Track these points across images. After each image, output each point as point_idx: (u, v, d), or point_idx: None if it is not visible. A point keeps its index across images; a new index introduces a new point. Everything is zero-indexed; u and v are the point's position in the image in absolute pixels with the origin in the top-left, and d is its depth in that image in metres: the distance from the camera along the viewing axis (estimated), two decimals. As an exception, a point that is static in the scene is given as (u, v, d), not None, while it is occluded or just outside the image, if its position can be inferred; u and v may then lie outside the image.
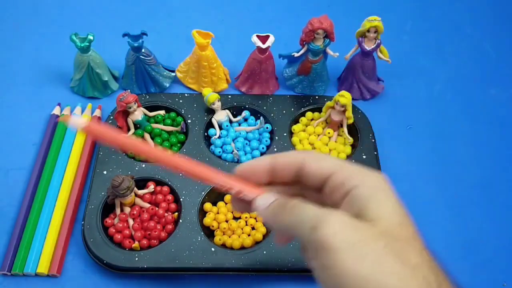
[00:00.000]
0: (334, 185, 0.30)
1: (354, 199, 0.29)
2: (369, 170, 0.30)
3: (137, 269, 0.52)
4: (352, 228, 0.27)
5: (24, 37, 0.77)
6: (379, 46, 0.65)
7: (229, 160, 0.61)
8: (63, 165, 0.60)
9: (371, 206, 0.28)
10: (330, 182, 0.30)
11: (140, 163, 0.60)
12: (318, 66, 0.66)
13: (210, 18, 0.81)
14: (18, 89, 0.70)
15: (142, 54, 0.64)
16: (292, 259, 0.52)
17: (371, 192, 0.28)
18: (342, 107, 0.61)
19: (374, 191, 0.28)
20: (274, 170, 0.32)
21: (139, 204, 0.56)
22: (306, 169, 0.31)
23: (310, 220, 0.27)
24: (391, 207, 0.28)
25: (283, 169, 0.32)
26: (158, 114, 0.64)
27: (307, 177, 0.31)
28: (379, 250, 0.26)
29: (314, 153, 0.32)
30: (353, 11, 0.82)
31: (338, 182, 0.30)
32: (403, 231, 0.28)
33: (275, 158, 0.32)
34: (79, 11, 0.81)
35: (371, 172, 0.30)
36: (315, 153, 0.32)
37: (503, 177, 0.64)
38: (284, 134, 0.63)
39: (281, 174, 0.32)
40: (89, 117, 0.65)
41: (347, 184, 0.29)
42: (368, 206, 0.28)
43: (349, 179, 0.29)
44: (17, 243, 0.54)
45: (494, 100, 0.72)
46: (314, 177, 0.31)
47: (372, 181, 0.29)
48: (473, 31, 0.81)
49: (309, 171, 0.31)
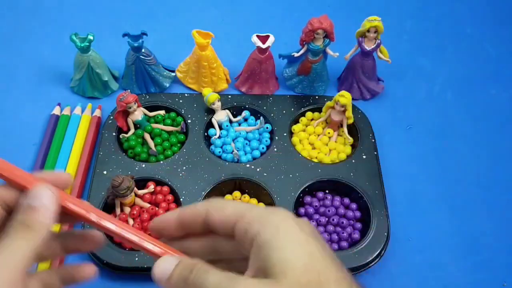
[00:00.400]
0: (239, 234, 0.29)
1: (257, 249, 0.27)
2: (272, 210, 0.28)
3: (137, 269, 0.52)
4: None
5: (24, 37, 0.77)
6: (379, 46, 0.65)
7: (229, 160, 0.61)
8: (63, 165, 0.60)
9: (273, 255, 0.26)
10: (237, 230, 0.29)
11: (140, 163, 0.60)
12: (318, 66, 0.66)
13: (210, 18, 0.81)
14: (18, 89, 0.70)
15: (142, 54, 0.64)
16: (292, 259, 0.52)
17: (271, 238, 0.27)
18: (342, 107, 0.61)
19: (274, 236, 0.27)
20: (182, 223, 0.31)
21: (139, 204, 0.56)
22: (210, 220, 0.30)
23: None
24: (293, 251, 0.26)
25: (190, 222, 0.31)
26: (158, 114, 0.64)
27: (214, 228, 0.30)
28: None
29: (217, 201, 0.31)
30: (353, 11, 0.82)
31: (242, 231, 0.28)
32: (310, 273, 0.26)
33: (182, 211, 0.31)
34: (79, 11, 0.81)
35: (273, 211, 0.28)
36: (218, 202, 0.31)
37: (503, 177, 0.63)
38: (284, 134, 0.63)
39: (189, 226, 0.31)
40: (89, 116, 0.65)
41: (249, 232, 0.28)
42: (270, 255, 0.26)
43: (251, 226, 0.28)
44: (17, 243, 0.54)
45: (494, 100, 0.72)
46: (220, 228, 0.30)
47: (272, 224, 0.27)
48: (473, 31, 0.81)
49: (214, 222, 0.30)
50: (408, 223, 0.58)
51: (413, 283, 0.55)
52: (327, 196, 0.59)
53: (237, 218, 0.29)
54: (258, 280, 0.26)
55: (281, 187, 0.58)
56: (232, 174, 0.59)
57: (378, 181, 0.59)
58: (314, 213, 0.57)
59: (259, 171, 0.59)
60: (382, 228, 0.55)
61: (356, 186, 0.58)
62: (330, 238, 0.55)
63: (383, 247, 0.54)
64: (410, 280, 0.55)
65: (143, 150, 0.61)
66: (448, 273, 0.55)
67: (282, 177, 0.59)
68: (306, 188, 0.58)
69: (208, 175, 0.59)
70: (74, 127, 0.64)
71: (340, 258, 0.53)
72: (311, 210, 0.57)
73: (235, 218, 0.29)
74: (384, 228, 0.55)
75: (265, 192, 0.58)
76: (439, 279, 0.55)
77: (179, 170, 0.59)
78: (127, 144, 0.61)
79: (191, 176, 0.59)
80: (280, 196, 0.57)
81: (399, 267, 0.55)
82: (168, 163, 0.60)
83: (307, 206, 0.58)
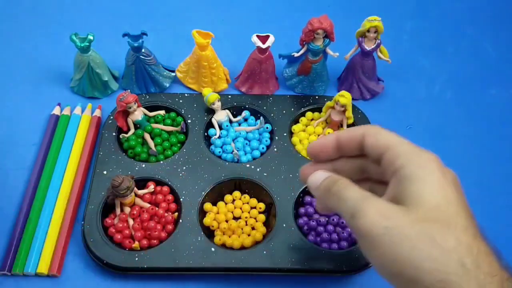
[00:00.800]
0: (386, 162, 0.32)
1: (398, 180, 0.30)
2: (420, 150, 0.31)
3: (137, 269, 0.52)
4: (387, 216, 0.28)
5: (24, 37, 0.77)
6: (379, 46, 0.65)
7: (229, 160, 0.61)
8: (63, 165, 0.60)
9: (411, 188, 0.29)
10: (384, 158, 0.32)
11: (140, 163, 0.60)
12: (318, 66, 0.66)
13: (210, 18, 0.81)
14: (18, 89, 0.70)
15: (142, 54, 0.64)
16: (292, 259, 0.52)
17: (415, 174, 0.29)
18: (342, 107, 0.61)
19: (418, 172, 0.29)
20: (339, 145, 0.35)
21: (139, 204, 0.56)
22: (364, 145, 0.33)
23: (348, 209, 0.30)
24: (430, 189, 0.29)
25: (347, 144, 0.35)
26: (158, 114, 0.64)
27: (367, 151, 0.34)
28: (414, 235, 0.27)
29: (373, 128, 0.34)
30: (353, 11, 0.82)
31: (389, 160, 0.31)
32: (441, 213, 0.28)
33: (340, 134, 0.35)
34: (79, 11, 0.81)
35: (422, 152, 0.31)
36: (374, 128, 0.34)
37: (503, 177, 0.63)
38: (284, 134, 0.63)
39: (345, 149, 0.35)
40: (89, 116, 0.65)
41: (396, 163, 0.31)
42: (408, 187, 0.29)
43: (398, 158, 0.31)
44: (17, 243, 0.54)
45: (494, 100, 0.72)
46: (370, 153, 0.33)
47: (417, 162, 0.30)
48: (473, 31, 0.81)
49: (367, 146, 0.33)
50: (408, 223, 0.58)
51: (413, 283, 0.55)
52: (327, 196, 0.59)
53: (389, 147, 0.32)
54: (391, 204, 0.29)
55: (281, 187, 0.58)
56: (232, 174, 0.59)
57: (378, 181, 0.59)
58: (314, 213, 0.57)
59: (259, 171, 0.59)
60: (382, 228, 0.55)
61: (356, 186, 0.58)
62: (330, 238, 0.55)
63: (383, 247, 0.54)
64: (410, 280, 0.55)
65: (143, 150, 0.61)
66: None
67: (282, 177, 0.59)
68: (306, 188, 0.58)
69: (208, 175, 0.59)
70: (74, 127, 0.64)
71: (340, 258, 0.53)
72: (311, 210, 0.57)
73: (386, 147, 0.32)
74: (384, 228, 0.55)
75: (265, 192, 0.58)
76: (439, 279, 0.55)
77: (179, 170, 0.59)
78: (127, 144, 0.61)
79: (191, 176, 0.59)
80: (280, 196, 0.57)
81: (399, 267, 0.55)
82: (168, 163, 0.60)
83: (307, 206, 0.58)
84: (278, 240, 0.54)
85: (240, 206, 0.58)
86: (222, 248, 0.54)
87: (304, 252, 0.53)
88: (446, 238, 0.27)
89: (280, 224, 0.55)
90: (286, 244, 0.53)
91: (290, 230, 0.54)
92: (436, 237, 0.27)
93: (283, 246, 0.53)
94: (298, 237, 0.54)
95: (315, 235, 0.56)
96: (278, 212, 0.56)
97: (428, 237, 0.27)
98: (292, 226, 0.55)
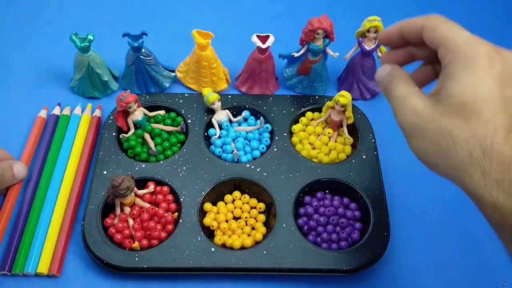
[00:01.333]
0: (440, 57, 0.34)
1: (443, 76, 0.33)
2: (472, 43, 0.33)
3: (137, 269, 0.52)
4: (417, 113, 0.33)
5: (24, 37, 0.77)
6: (379, 46, 0.65)
7: (229, 160, 0.61)
8: (63, 165, 0.60)
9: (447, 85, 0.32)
10: (438, 53, 0.34)
11: (140, 163, 0.60)
12: (318, 66, 0.66)
13: (210, 18, 0.81)
14: (18, 89, 0.70)
15: (142, 54, 0.64)
16: (292, 259, 0.52)
17: (454, 71, 0.32)
18: (342, 107, 0.61)
19: (456, 70, 0.32)
20: (403, 33, 0.38)
21: (139, 204, 0.56)
22: (423, 36, 0.36)
23: (393, 105, 0.36)
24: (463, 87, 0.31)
25: (409, 35, 0.37)
26: (158, 114, 0.64)
27: (426, 43, 0.36)
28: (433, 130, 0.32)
29: (434, 18, 0.36)
30: (353, 11, 0.82)
31: (441, 56, 0.34)
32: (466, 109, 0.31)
33: (403, 23, 0.38)
34: (79, 11, 0.81)
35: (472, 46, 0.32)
36: (435, 19, 0.36)
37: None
38: (284, 134, 0.63)
39: (410, 40, 0.38)
40: (89, 116, 0.65)
41: (445, 59, 0.33)
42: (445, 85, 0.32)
43: (447, 54, 0.33)
44: (17, 243, 0.54)
45: (494, 100, 0.72)
46: (429, 45, 0.35)
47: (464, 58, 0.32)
48: (473, 31, 0.81)
49: (425, 39, 0.36)
50: (408, 223, 0.59)
51: (413, 283, 0.55)
52: (327, 196, 0.59)
53: (442, 43, 0.34)
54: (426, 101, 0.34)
55: (281, 187, 0.58)
56: (232, 174, 0.59)
57: (378, 181, 0.59)
58: (314, 213, 0.57)
59: (259, 171, 0.59)
60: (382, 228, 0.55)
61: (356, 186, 0.58)
62: (330, 238, 0.55)
63: (383, 247, 0.54)
64: (410, 280, 0.55)
65: (143, 150, 0.61)
66: (448, 273, 0.55)
67: (282, 177, 0.59)
68: (306, 188, 0.58)
69: (208, 175, 0.59)
70: (74, 127, 0.64)
71: (340, 258, 0.53)
72: (311, 210, 0.57)
73: (440, 43, 0.34)
74: (384, 228, 0.55)
75: (265, 192, 0.58)
76: (439, 279, 0.55)
77: (179, 170, 0.59)
78: (127, 144, 0.61)
79: (191, 176, 0.59)
80: (280, 196, 0.57)
81: (399, 267, 0.55)
82: (168, 163, 0.60)
83: (307, 206, 0.58)
84: (278, 240, 0.54)
85: (240, 206, 0.58)
86: (222, 248, 0.54)
87: (304, 252, 0.53)
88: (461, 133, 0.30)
89: (280, 224, 0.55)
90: (286, 244, 0.53)
91: (290, 230, 0.54)
92: (452, 133, 0.31)
93: (283, 246, 0.53)
94: (298, 237, 0.54)
95: (315, 235, 0.56)
96: (278, 212, 0.56)
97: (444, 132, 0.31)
98: (292, 226, 0.55)
